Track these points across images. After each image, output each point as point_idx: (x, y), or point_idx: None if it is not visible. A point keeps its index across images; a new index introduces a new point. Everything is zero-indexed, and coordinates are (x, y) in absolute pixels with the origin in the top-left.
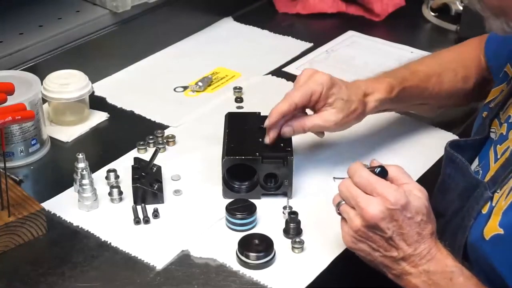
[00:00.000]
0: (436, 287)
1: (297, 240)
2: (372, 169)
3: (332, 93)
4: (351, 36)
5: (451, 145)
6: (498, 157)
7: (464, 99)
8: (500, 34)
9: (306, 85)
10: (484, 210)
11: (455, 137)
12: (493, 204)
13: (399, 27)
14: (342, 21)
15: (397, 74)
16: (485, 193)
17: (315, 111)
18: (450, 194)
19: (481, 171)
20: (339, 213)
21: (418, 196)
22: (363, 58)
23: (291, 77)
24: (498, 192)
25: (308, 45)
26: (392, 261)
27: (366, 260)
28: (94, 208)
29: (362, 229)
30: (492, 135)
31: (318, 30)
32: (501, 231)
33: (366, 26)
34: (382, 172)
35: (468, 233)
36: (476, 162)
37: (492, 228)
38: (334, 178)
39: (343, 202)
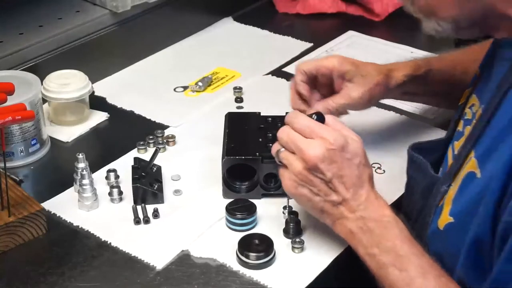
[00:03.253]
0: (370, 233)
1: (297, 240)
2: (309, 116)
3: (347, 70)
4: (351, 36)
5: (413, 147)
6: (455, 153)
7: None
8: (434, 35)
9: (317, 60)
10: (440, 204)
11: (409, 146)
12: (446, 196)
13: (399, 27)
14: (342, 21)
15: (424, 58)
16: (441, 188)
17: (338, 91)
18: (413, 195)
19: (441, 170)
20: (280, 162)
21: (355, 139)
22: (363, 58)
23: (291, 77)
24: (452, 186)
25: (308, 45)
26: (332, 205)
27: (307, 207)
28: (94, 208)
29: (303, 171)
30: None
31: (318, 30)
32: (452, 220)
33: (366, 26)
34: (320, 118)
35: (428, 229)
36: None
37: (445, 218)
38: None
39: (283, 149)
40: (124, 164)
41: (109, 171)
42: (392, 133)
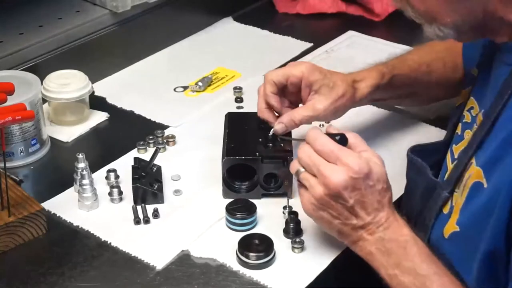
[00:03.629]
0: (389, 254)
1: (297, 240)
2: (331, 136)
3: (315, 79)
4: (351, 36)
5: (412, 150)
6: (455, 157)
7: (454, 89)
8: (436, 40)
9: (285, 68)
10: (446, 210)
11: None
12: (453, 204)
13: (399, 27)
14: (342, 21)
15: (387, 63)
16: (442, 193)
17: (304, 101)
18: (413, 197)
19: (441, 173)
20: (299, 181)
21: (378, 164)
22: (363, 58)
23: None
24: (456, 192)
25: (308, 45)
26: (351, 228)
27: (324, 227)
28: (94, 208)
29: (325, 197)
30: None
31: (318, 30)
32: (458, 229)
33: (366, 26)
34: (342, 140)
35: (429, 233)
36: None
37: (451, 227)
38: (280, 138)
39: (303, 170)
40: (124, 164)
41: (109, 171)
42: (392, 133)
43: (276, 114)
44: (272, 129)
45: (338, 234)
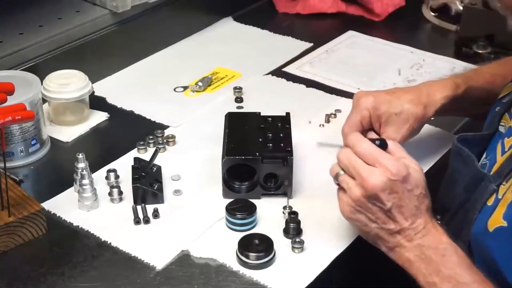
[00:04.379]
0: (428, 262)
1: (297, 240)
2: (372, 141)
3: (381, 113)
4: (351, 36)
5: (459, 139)
6: (506, 150)
7: None
8: None
9: (352, 114)
10: (489, 202)
11: (455, 137)
12: (499, 197)
13: (399, 27)
14: (342, 21)
15: (461, 74)
16: (489, 185)
17: (379, 134)
18: (456, 187)
19: (488, 164)
20: (337, 184)
21: (417, 170)
22: (363, 58)
23: (291, 77)
24: (504, 185)
25: (308, 45)
26: (388, 233)
27: (361, 232)
28: (94, 208)
29: (362, 199)
30: (502, 129)
31: (318, 30)
32: (505, 224)
33: (366, 26)
34: (382, 145)
35: (472, 226)
36: (484, 156)
37: (496, 220)
38: (319, 143)
39: (342, 172)
40: (124, 164)
41: (109, 171)
42: None
43: None
44: None
45: (375, 239)
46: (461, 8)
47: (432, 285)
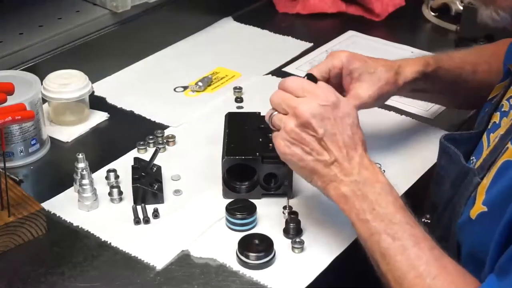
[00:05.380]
0: (364, 199)
1: (297, 240)
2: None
3: (354, 67)
4: (351, 36)
5: (446, 138)
6: (490, 144)
7: None
8: (490, 24)
9: (325, 61)
10: (473, 194)
11: (442, 136)
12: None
13: (399, 27)
14: (342, 21)
15: (433, 55)
16: (474, 179)
17: (347, 91)
18: (443, 185)
19: (474, 160)
20: (273, 127)
21: (347, 102)
22: None
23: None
24: (487, 176)
25: (308, 45)
26: (324, 165)
27: (298, 168)
28: (94, 208)
29: (295, 129)
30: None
31: (318, 30)
32: (485, 209)
33: (366, 26)
34: (311, 78)
35: (459, 218)
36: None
37: (477, 208)
38: None
39: (276, 112)
40: (124, 164)
41: (109, 171)
42: (392, 133)
43: None
44: None
45: (311, 175)
46: (461, 8)
47: (364, 222)
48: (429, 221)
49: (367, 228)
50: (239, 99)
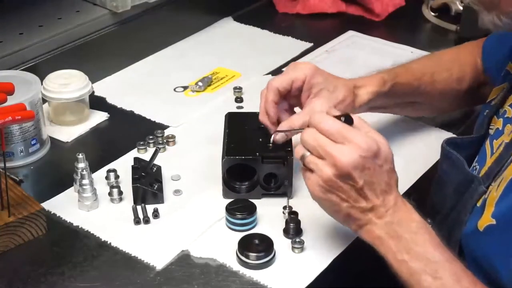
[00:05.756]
0: (399, 239)
1: (297, 240)
2: (336, 118)
3: (316, 82)
4: (351, 36)
5: (448, 142)
6: (494, 151)
7: (457, 101)
8: (492, 29)
9: (287, 72)
10: (479, 203)
11: (444, 141)
12: (486, 196)
13: (399, 27)
14: (342, 21)
15: (390, 70)
16: (479, 187)
17: (303, 105)
18: (446, 190)
19: (477, 167)
20: (304, 166)
21: (385, 143)
22: (363, 58)
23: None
24: (492, 185)
25: (308, 45)
26: (360, 212)
27: (330, 212)
28: (94, 208)
29: (333, 178)
30: (491, 132)
31: (318, 30)
32: (494, 222)
33: (366, 26)
34: (348, 120)
35: (464, 227)
36: (475, 160)
37: (486, 220)
38: (274, 133)
39: (308, 153)
40: (124, 164)
41: (109, 171)
42: (392, 133)
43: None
44: (272, 138)
45: (345, 218)
46: (461, 8)
47: (402, 262)
48: (430, 225)
49: (406, 269)
50: (239, 99)
